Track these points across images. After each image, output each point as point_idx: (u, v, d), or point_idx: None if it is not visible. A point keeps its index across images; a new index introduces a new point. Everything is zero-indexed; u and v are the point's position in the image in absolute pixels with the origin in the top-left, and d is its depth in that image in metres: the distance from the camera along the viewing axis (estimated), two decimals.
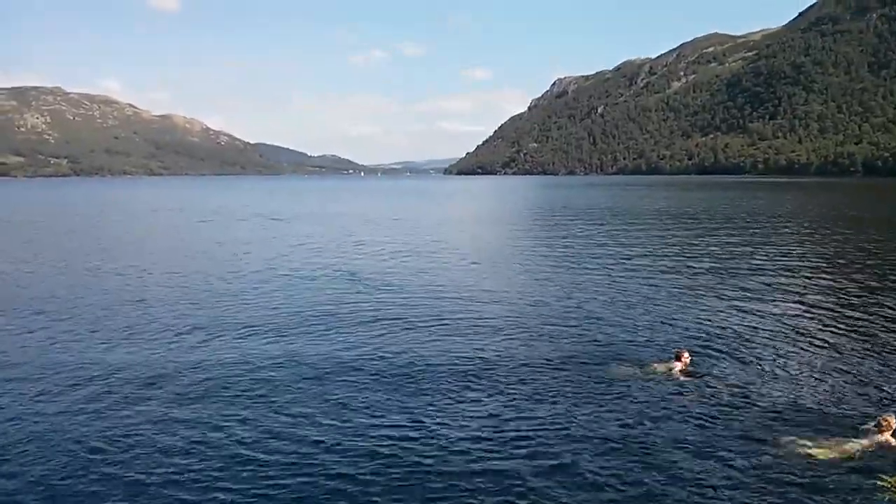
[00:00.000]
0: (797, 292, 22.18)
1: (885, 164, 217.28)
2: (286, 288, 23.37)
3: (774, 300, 20.83)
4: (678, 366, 13.24)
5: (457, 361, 14.17)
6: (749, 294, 21.78)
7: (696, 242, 36.95)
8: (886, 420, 10.01)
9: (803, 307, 19.75)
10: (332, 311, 19.36)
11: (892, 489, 5.58)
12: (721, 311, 19.08)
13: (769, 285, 23.45)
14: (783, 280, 24.60)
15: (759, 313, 18.82)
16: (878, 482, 5.92)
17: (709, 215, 58.71)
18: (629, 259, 30.37)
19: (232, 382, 12.92)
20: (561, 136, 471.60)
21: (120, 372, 13.52)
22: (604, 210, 69.17)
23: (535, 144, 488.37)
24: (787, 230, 44.27)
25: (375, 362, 14.16)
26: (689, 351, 13.77)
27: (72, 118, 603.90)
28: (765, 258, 30.39)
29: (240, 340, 16.09)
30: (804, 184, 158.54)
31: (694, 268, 27.54)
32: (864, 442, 9.78)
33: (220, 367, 13.92)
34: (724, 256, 31.23)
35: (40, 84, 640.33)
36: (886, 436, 9.84)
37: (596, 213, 63.42)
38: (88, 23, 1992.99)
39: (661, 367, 13.33)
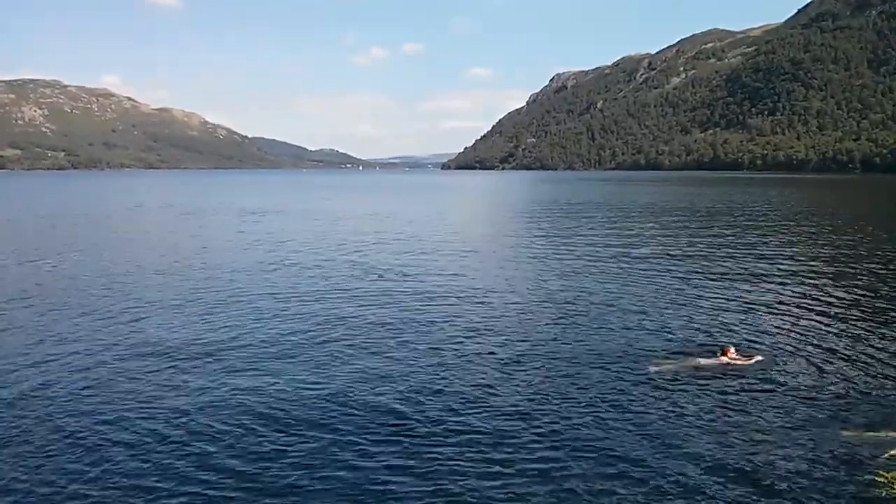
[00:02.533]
0: (829, 286, 22.06)
1: (884, 160, 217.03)
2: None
3: (807, 295, 20.65)
4: (724, 361, 13.18)
5: (494, 358, 13.83)
6: (780, 288, 21.67)
7: (717, 238, 36.61)
8: None
9: (838, 301, 19.62)
10: (339, 308, 18.90)
11: (889, 485, 5.53)
12: (754, 306, 18.93)
13: (800, 280, 23.29)
14: (813, 275, 24.42)
15: (793, 307, 18.78)
16: (876, 478, 5.88)
17: (724, 211, 57.89)
18: (654, 255, 29.95)
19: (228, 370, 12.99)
20: (559, 131, 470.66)
21: (118, 361, 13.58)
22: (618, 206, 68.10)
23: (534, 139, 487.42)
24: (806, 226, 44.00)
25: (405, 354, 14.01)
26: (733, 346, 13.82)
27: (70, 111, 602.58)
28: (791, 254, 30.26)
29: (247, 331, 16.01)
30: (805, 180, 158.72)
31: (721, 264, 27.19)
32: None
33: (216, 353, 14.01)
34: (748, 252, 30.82)
35: (38, 77, 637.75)
36: None
37: (611, 209, 62.17)
38: (88, 18, 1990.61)
39: (706, 363, 13.25)
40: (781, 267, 26.19)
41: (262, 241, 35.40)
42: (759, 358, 13.57)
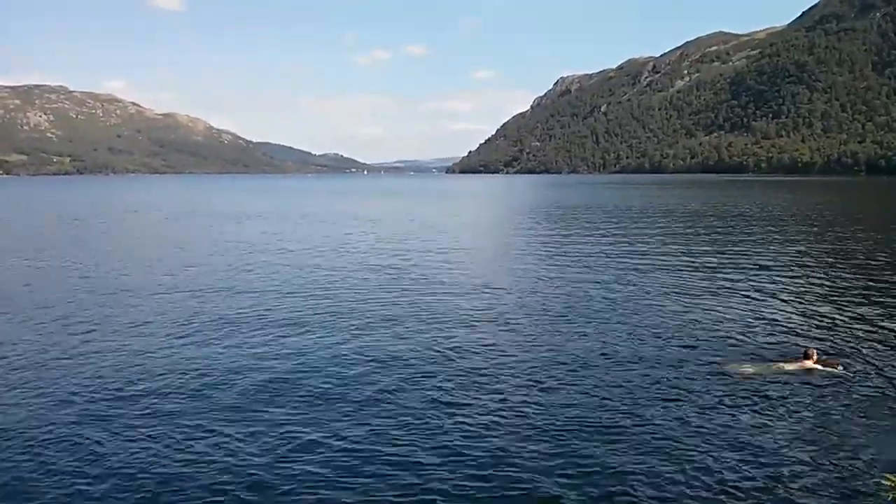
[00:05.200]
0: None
1: (889, 162, 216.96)
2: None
3: (879, 299, 20.03)
4: (808, 364, 12.85)
5: (572, 358, 13.82)
6: (848, 292, 21.19)
7: (763, 241, 36.11)
8: None
9: None
10: (372, 311, 18.83)
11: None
12: (829, 309, 18.58)
13: (868, 285, 22.65)
14: (881, 280, 23.66)
15: (867, 311, 18.29)
16: (883, 481, 5.65)
17: (754, 215, 56.31)
18: (706, 258, 29.48)
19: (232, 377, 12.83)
20: (564, 134, 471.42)
21: (123, 369, 13.44)
22: (645, 210, 65.60)
23: (538, 143, 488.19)
24: (848, 228, 43.33)
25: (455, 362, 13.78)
26: (816, 350, 13.43)
27: (75, 116, 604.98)
28: (847, 257, 29.74)
29: (249, 336, 16.02)
30: (813, 183, 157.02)
31: (780, 266, 26.80)
32: None
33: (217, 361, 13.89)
34: (803, 255, 30.37)
35: (44, 83, 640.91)
36: None
37: (641, 214, 59.83)
38: (91, 23, 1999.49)
39: (789, 367, 12.91)
40: (843, 270, 25.63)
41: (302, 245, 35.94)
42: (843, 362, 13.22)
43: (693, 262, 28.43)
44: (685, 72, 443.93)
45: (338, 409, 11.22)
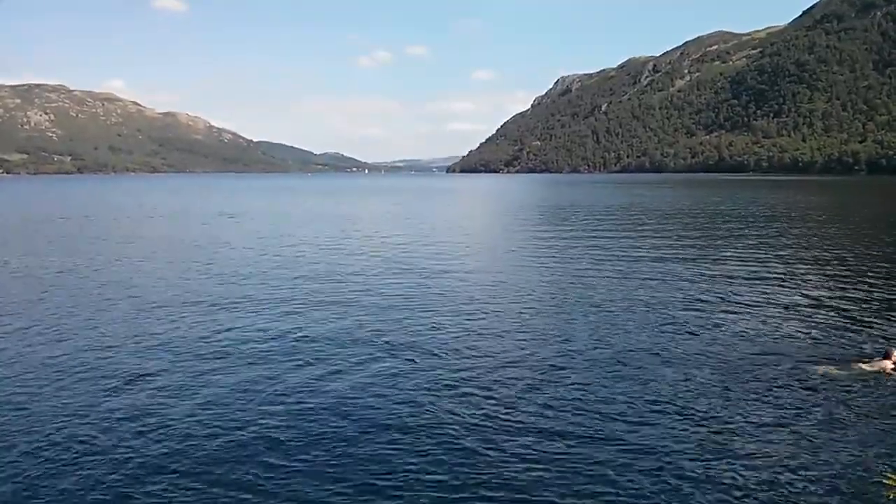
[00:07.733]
0: None
1: (890, 162, 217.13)
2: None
3: None
4: (889, 365, 12.36)
5: (637, 356, 13.78)
6: None
7: (814, 241, 35.35)
8: None
9: None
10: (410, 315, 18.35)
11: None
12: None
13: None
14: None
15: None
16: (885, 480, 5.59)
17: (790, 214, 55.25)
18: (770, 259, 28.74)
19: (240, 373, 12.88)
20: (564, 133, 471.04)
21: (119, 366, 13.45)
22: (675, 211, 62.70)
23: (539, 142, 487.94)
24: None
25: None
26: None
27: (75, 115, 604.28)
28: None
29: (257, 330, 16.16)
30: (816, 182, 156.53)
31: (845, 266, 26.20)
32: None
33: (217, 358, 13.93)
34: (867, 254, 29.84)
35: (43, 81, 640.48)
36: None
37: (674, 215, 56.64)
38: (92, 22, 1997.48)
39: (869, 367, 12.48)
40: None
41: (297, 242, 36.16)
42: None
43: (742, 262, 27.64)
44: (686, 71, 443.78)
45: (335, 405, 11.18)
